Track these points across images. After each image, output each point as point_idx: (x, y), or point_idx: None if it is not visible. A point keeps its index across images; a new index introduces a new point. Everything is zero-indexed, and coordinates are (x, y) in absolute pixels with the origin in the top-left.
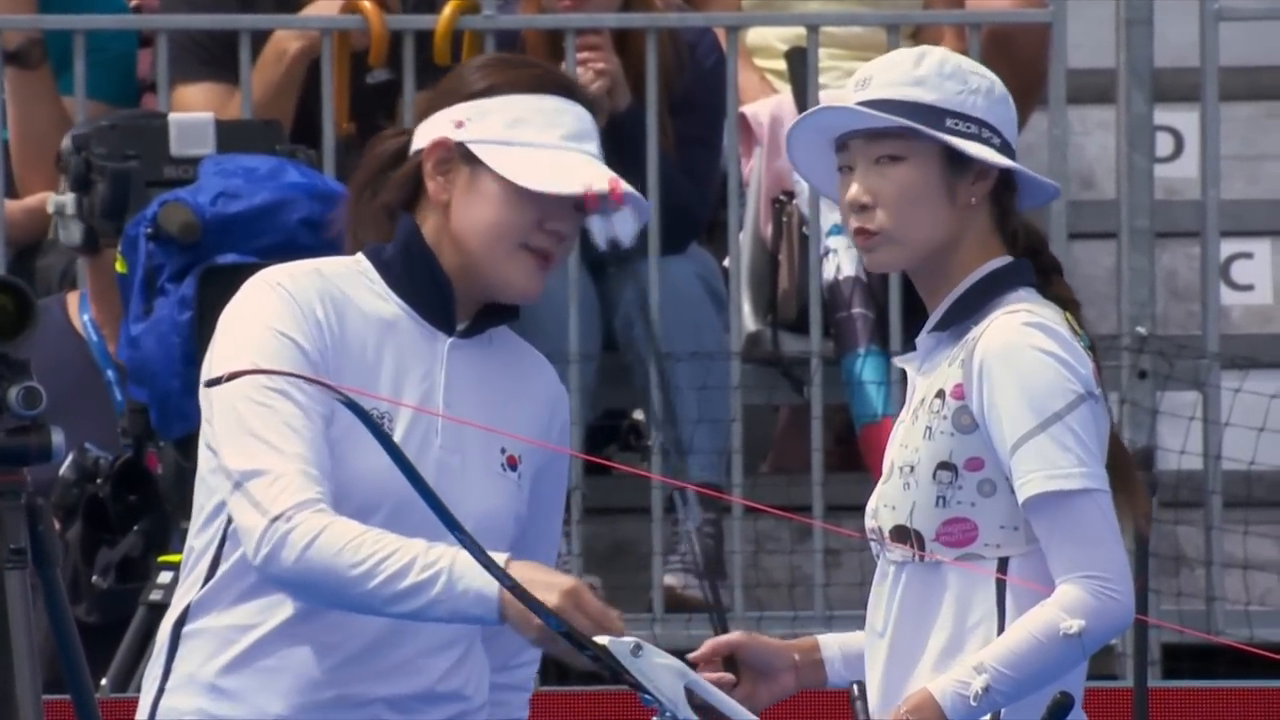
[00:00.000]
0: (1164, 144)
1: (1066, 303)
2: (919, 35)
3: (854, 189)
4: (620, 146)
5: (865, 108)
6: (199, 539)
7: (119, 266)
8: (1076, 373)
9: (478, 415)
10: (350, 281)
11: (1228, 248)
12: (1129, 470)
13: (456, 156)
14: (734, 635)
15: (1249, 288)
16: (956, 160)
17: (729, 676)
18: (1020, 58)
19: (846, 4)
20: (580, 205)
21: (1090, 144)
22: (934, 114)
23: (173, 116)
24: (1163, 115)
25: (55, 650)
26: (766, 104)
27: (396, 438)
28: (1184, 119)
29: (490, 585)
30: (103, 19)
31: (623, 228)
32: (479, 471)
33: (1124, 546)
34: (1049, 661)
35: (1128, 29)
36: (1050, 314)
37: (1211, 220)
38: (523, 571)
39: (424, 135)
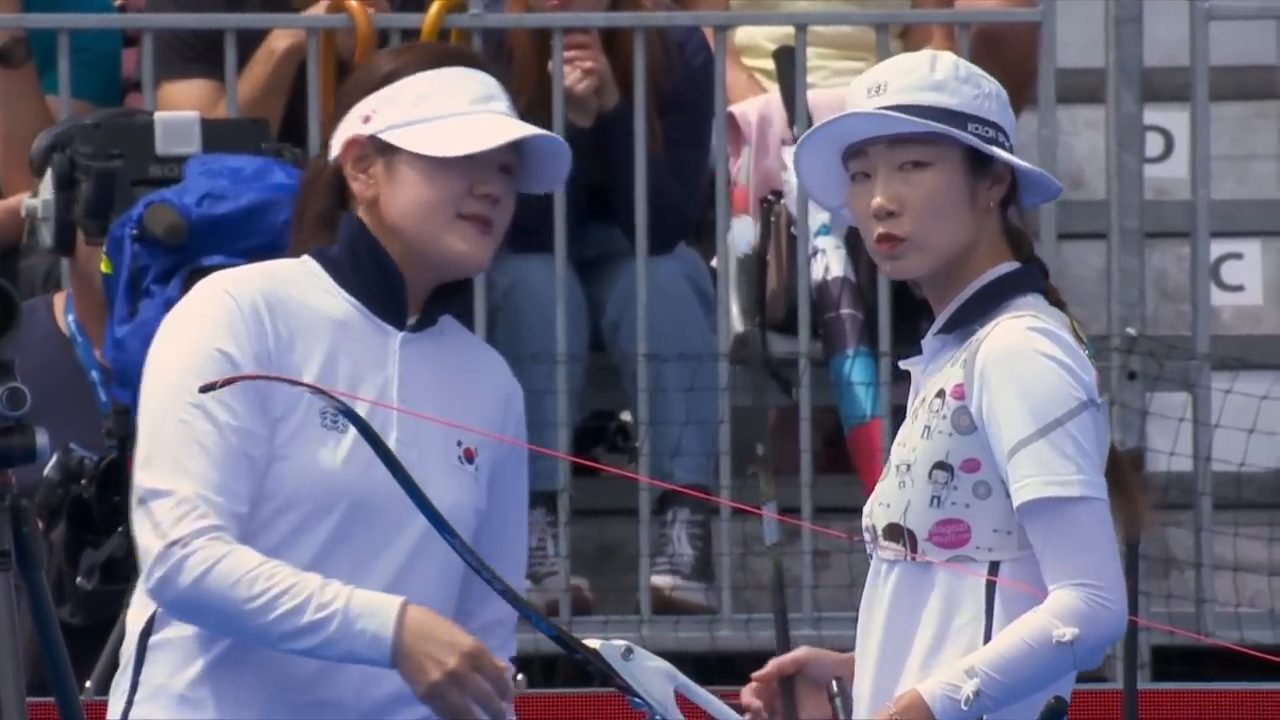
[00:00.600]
0: (1154, 144)
1: (1056, 305)
2: (908, 34)
3: (879, 196)
4: (608, 146)
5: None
6: None
7: (104, 267)
8: (1080, 379)
9: (433, 409)
10: (299, 282)
11: (1218, 248)
12: (1125, 475)
13: (371, 150)
14: (799, 653)
15: (1239, 288)
16: (977, 165)
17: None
18: (1009, 57)
19: (835, 3)
20: (506, 166)
21: (1080, 144)
22: (957, 118)
23: (158, 115)
24: (1152, 115)
25: (39, 652)
26: (755, 103)
27: (349, 438)
28: (1174, 119)
29: (385, 628)
30: (87, 18)
31: (550, 174)
32: (437, 466)
33: (1119, 555)
34: (1040, 668)
35: (1117, 28)
36: (1057, 320)
37: (1201, 220)
38: (422, 626)
39: (337, 140)
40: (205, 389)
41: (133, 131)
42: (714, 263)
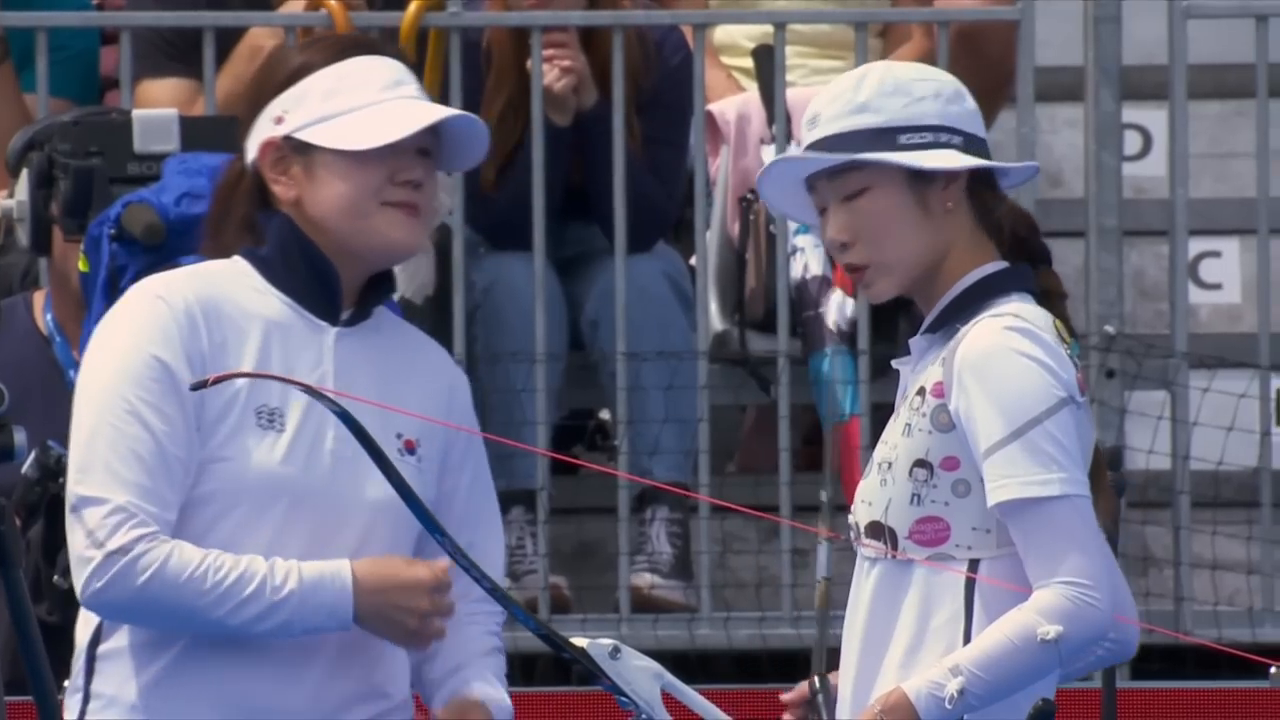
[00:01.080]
0: (1132, 142)
1: (1054, 295)
2: (887, 33)
3: (830, 230)
4: (587, 145)
5: (816, 148)
6: None
7: (81, 265)
8: (1058, 377)
9: (368, 404)
10: (231, 282)
11: (1196, 246)
12: (1099, 471)
13: (288, 151)
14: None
15: (1217, 287)
16: (921, 173)
17: None
18: (988, 55)
19: (814, 2)
20: (424, 149)
21: (1058, 142)
22: (885, 135)
23: (136, 113)
24: (1131, 113)
25: (17, 650)
26: (733, 102)
27: (288, 432)
28: (1152, 117)
29: (343, 597)
30: (65, 16)
31: (469, 153)
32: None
33: (1105, 552)
34: (1025, 667)
35: (1096, 27)
36: (1039, 319)
37: (1180, 219)
38: (376, 580)
39: (253, 144)
40: (195, 387)
41: (111, 129)
42: (693, 261)
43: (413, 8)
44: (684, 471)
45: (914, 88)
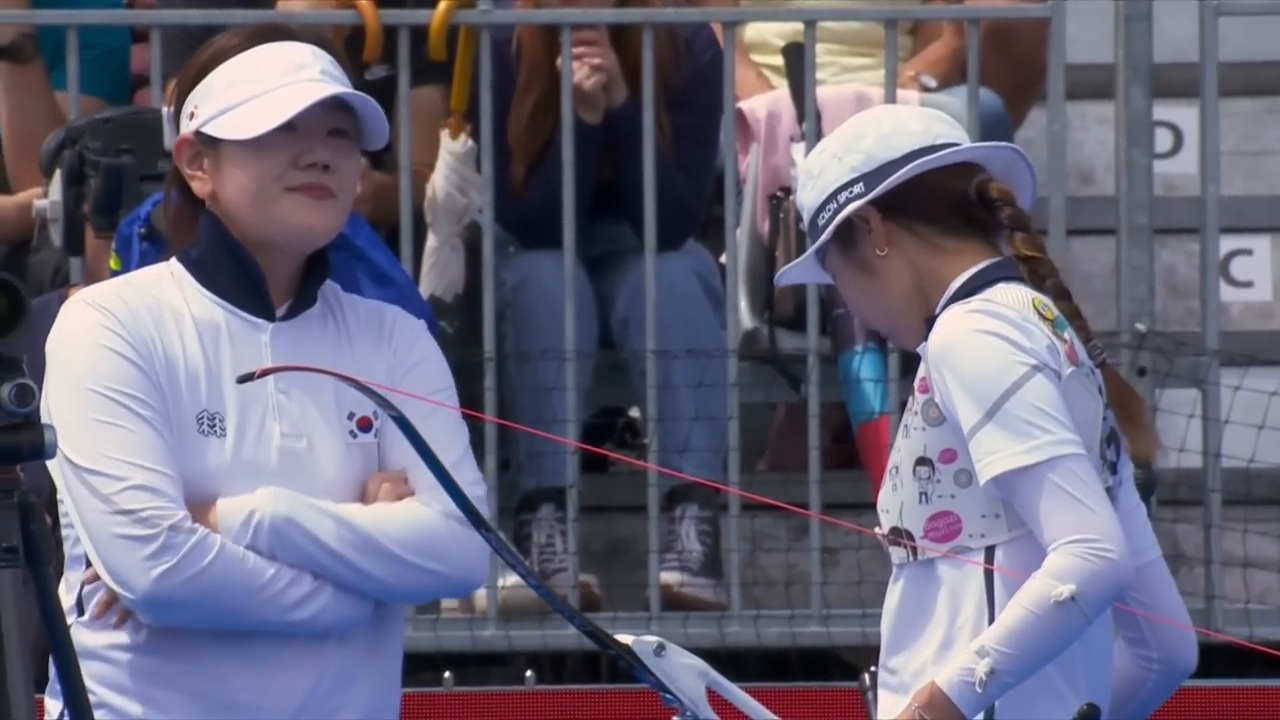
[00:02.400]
0: (1163, 140)
1: (1043, 278)
2: (917, 30)
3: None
4: (617, 142)
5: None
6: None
7: (113, 264)
8: (1021, 347)
9: (314, 389)
10: (164, 288)
11: (1227, 244)
12: (1135, 408)
13: (200, 146)
14: None
15: (1248, 284)
16: (842, 240)
17: None
18: (1019, 53)
19: None
20: (340, 130)
21: (1089, 140)
22: (811, 229)
23: (165, 111)
24: (1162, 111)
25: (47, 648)
26: (763, 100)
27: (230, 435)
28: (1183, 115)
29: None
30: (96, 14)
31: (373, 134)
32: (327, 449)
33: (1107, 502)
34: (1050, 633)
35: (1127, 24)
36: (1012, 299)
37: (1211, 216)
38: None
39: (173, 142)
40: (242, 379)
41: (142, 127)
42: (723, 259)
43: (443, 6)
44: (714, 470)
45: (813, 165)
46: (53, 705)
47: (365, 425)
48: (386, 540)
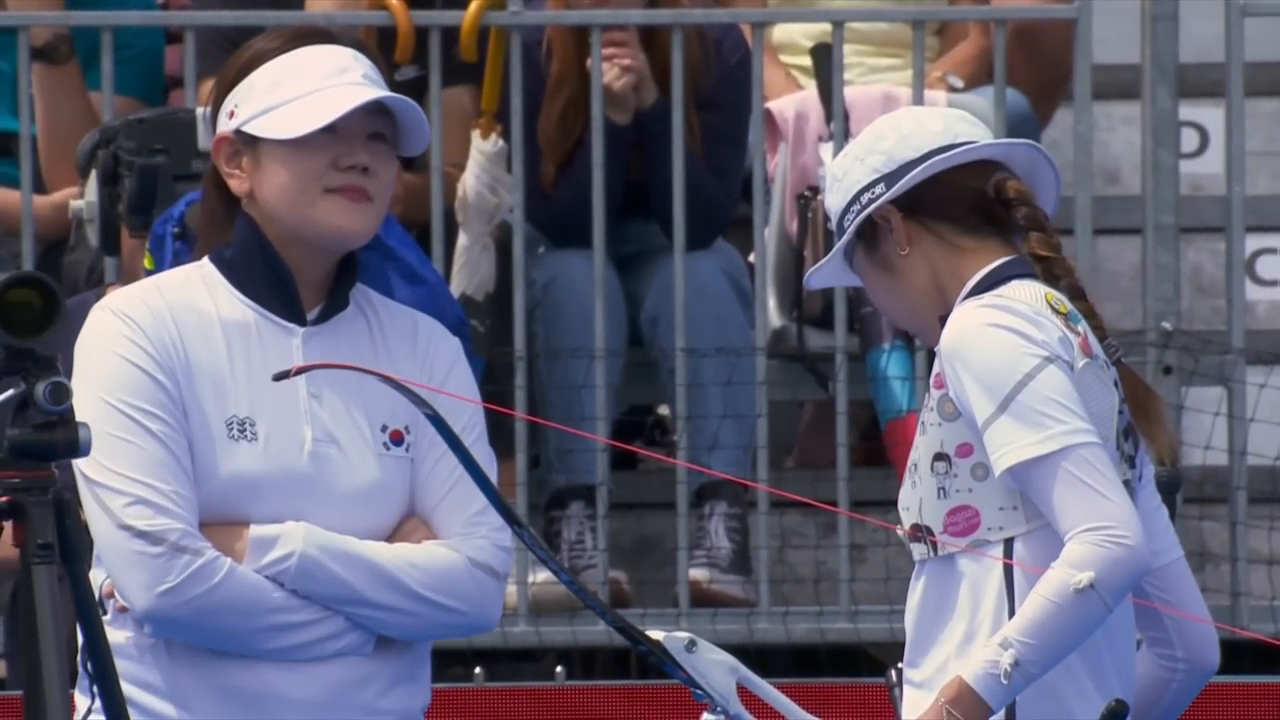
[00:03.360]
0: (1189, 139)
1: (1058, 276)
2: (944, 31)
3: None
4: (646, 142)
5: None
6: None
7: (147, 263)
8: (1032, 339)
9: (347, 396)
10: (193, 290)
11: (1252, 243)
12: (1147, 417)
13: (239, 145)
14: None
15: (1274, 283)
16: (866, 238)
17: None
18: (1045, 53)
19: (872, 0)
20: (378, 134)
21: (1115, 140)
22: (839, 229)
23: (200, 111)
24: (1188, 111)
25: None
26: (791, 100)
27: (261, 441)
28: (1209, 114)
29: None
30: (130, 15)
31: (412, 140)
32: (359, 457)
33: (1122, 489)
34: (1071, 622)
35: (1153, 24)
36: (1024, 294)
37: (1236, 216)
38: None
39: (212, 141)
40: (279, 377)
41: (176, 127)
42: (751, 258)
43: (474, 7)
44: (743, 467)
45: (838, 168)
46: (81, 701)
47: (398, 439)
48: (413, 582)
